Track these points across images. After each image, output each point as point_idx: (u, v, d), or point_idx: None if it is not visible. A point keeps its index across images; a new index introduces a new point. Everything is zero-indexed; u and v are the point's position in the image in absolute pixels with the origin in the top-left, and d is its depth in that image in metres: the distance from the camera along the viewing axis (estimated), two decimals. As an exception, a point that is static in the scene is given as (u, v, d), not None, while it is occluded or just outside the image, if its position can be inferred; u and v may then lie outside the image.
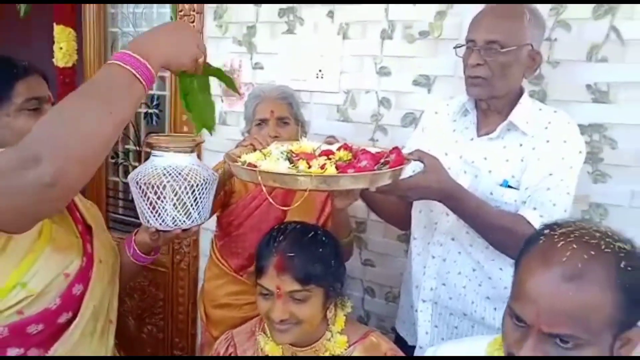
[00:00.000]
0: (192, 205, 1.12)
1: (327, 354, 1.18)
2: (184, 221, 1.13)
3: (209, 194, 1.17)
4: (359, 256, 1.98)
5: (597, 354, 0.76)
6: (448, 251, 1.45)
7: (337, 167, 1.13)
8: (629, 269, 0.76)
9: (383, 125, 1.86)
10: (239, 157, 1.22)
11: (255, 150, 1.30)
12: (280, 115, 1.59)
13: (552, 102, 1.56)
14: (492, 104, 1.38)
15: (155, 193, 1.09)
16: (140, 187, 1.10)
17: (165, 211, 1.10)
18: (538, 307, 0.78)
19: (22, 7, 2.79)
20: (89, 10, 2.47)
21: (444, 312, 1.49)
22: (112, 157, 2.65)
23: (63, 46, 2.52)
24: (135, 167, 2.58)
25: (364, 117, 1.88)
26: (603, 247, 0.78)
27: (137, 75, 0.81)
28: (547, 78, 1.58)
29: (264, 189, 1.09)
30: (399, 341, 1.61)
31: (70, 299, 1.02)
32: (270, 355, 1.22)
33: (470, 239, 1.40)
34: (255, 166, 1.12)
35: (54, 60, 2.56)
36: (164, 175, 1.09)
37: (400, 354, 1.22)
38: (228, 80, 1.16)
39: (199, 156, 2.11)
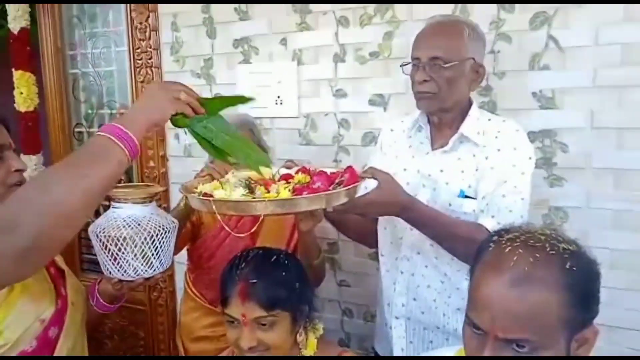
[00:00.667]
0: (152, 254, 1.13)
1: None
2: (146, 270, 1.14)
3: (169, 241, 1.18)
4: (333, 277, 1.99)
5: (554, 355, 0.77)
6: (415, 265, 1.47)
7: (294, 190, 1.15)
8: (574, 269, 0.78)
9: (345, 145, 1.89)
10: (196, 187, 1.23)
11: (213, 179, 1.31)
12: None
13: (502, 111, 1.61)
14: (442, 117, 1.42)
15: (116, 245, 1.10)
16: (100, 239, 1.11)
17: (126, 262, 1.12)
18: (492, 313, 0.79)
19: (-19, 56, 2.80)
20: (47, 53, 2.48)
21: (417, 327, 1.50)
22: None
23: (23, 91, 2.51)
24: (106, 206, 2.58)
25: (325, 139, 1.91)
26: (548, 249, 0.80)
27: (117, 141, 0.85)
28: (495, 89, 1.63)
29: (219, 217, 1.10)
30: (379, 360, 1.62)
31: (47, 341, 1.04)
32: None
33: (435, 252, 1.42)
34: (211, 195, 1.14)
35: (15, 105, 2.55)
36: (124, 227, 1.10)
37: (373, 372, 1.23)
38: (238, 100, 1.12)
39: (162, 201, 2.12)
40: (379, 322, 1.67)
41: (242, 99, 1.12)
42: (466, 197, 1.39)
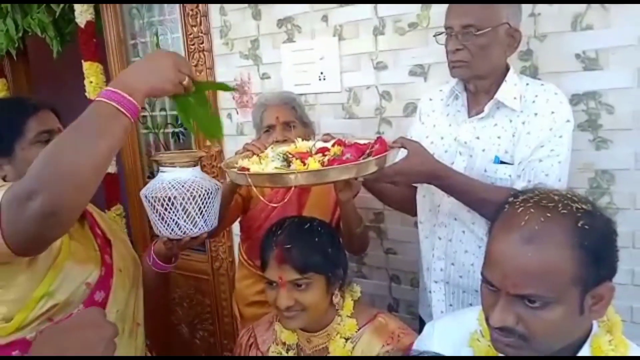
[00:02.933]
0: (197, 214, 1.23)
1: (338, 337, 1.27)
2: (192, 229, 1.24)
3: (213, 203, 1.27)
4: (380, 246, 2.05)
5: (566, 311, 0.80)
6: (453, 231, 1.50)
7: (328, 162, 1.22)
8: (586, 227, 0.80)
9: (387, 117, 1.93)
10: (237, 163, 1.33)
11: (254, 155, 1.41)
12: (286, 119, 1.69)
13: (544, 75, 1.58)
14: (478, 84, 1.43)
15: (162, 205, 1.20)
16: (149, 201, 1.23)
17: (173, 221, 1.22)
18: (503, 270, 0.83)
19: (55, 49, 3.06)
20: (111, 44, 2.67)
21: (456, 290, 1.54)
22: (148, 177, 2.84)
23: (92, 80, 2.73)
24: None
25: (368, 112, 1.96)
26: (560, 208, 0.82)
27: (121, 109, 0.91)
28: (537, 52, 1.60)
29: (254, 188, 1.20)
30: (423, 324, 1.67)
31: (93, 304, 1.15)
32: (286, 342, 1.31)
33: (472, 217, 1.44)
34: (248, 169, 1.23)
35: (86, 93, 2.78)
36: (169, 188, 1.21)
37: (410, 332, 1.28)
38: (222, 87, 1.27)
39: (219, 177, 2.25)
40: (421, 287, 1.72)
41: (225, 87, 1.28)
42: (501, 162, 1.40)
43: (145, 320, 1.36)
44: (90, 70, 2.72)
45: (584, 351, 0.85)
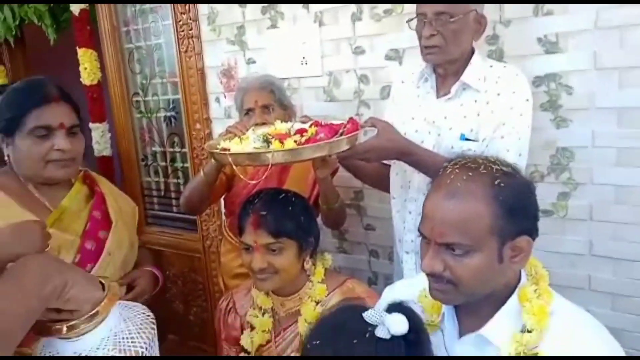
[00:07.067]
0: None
1: (309, 301, 1.38)
2: None
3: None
4: (360, 222, 2.16)
5: (486, 259, 0.91)
6: (421, 205, 1.61)
7: (305, 142, 1.32)
8: (502, 185, 0.91)
9: (365, 100, 2.02)
10: (219, 144, 1.44)
11: (235, 137, 1.51)
12: (264, 103, 1.78)
13: (510, 58, 1.68)
14: (448, 68, 1.53)
15: None
16: None
17: None
18: (432, 222, 0.94)
19: (51, 36, 3.14)
20: (105, 31, 2.75)
21: (425, 260, 1.65)
22: (143, 160, 2.94)
23: (87, 66, 2.82)
24: (163, 166, 2.88)
25: (347, 95, 2.05)
26: (482, 169, 0.94)
27: None
28: (502, 37, 1.69)
29: (234, 167, 1.30)
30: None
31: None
32: (262, 306, 1.43)
33: (438, 193, 1.55)
34: (229, 150, 1.34)
35: (81, 79, 2.88)
36: None
37: (375, 295, 1.38)
38: None
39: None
40: (395, 260, 1.84)
41: None
42: (467, 139, 1.50)
43: None
44: (85, 57, 2.81)
45: (512, 299, 0.96)
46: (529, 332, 0.92)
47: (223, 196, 1.92)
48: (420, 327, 0.89)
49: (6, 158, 1.33)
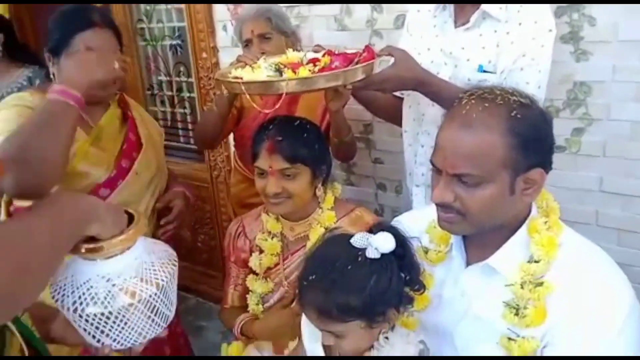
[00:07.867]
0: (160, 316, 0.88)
1: (318, 226, 1.41)
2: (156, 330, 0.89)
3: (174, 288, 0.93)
4: (368, 156, 2.16)
5: (497, 190, 0.90)
6: (434, 138, 1.59)
7: (319, 72, 1.29)
8: (519, 116, 0.89)
9: (378, 30, 1.96)
10: (230, 73, 1.40)
11: (246, 66, 1.47)
12: (261, 32, 1.71)
13: (532, -14, 1.59)
14: (468, -6, 1.46)
15: (102, 321, 0.83)
16: (72, 317, 0.84)
17: (122, 336, 0.86)
18: (444, 153, 0.93)
19: None
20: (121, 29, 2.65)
21: (435, 193, 1.66)
22: (148, 89, 2.90)
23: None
24: (169, 96, 2.85)
25: (359, 24, 1.98)
26: (499, 100, 0.92)
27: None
28: (525, -37, 1.60)
29: (247, 96, 1.28)
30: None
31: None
32: (271, 231, 1.45)
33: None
34: (241, 78, 1.31)
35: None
36: (108, 299, 0.82)
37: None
38: None
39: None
40: (405, 193, 1.85)
41: None
42: (485, 71, 1.46)
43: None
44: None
45: (522, 231, 0.97)
46: (536, 262, 0.94)
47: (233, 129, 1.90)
48: (404, 240, 0.95)
49: (52, 76, 1.42)
